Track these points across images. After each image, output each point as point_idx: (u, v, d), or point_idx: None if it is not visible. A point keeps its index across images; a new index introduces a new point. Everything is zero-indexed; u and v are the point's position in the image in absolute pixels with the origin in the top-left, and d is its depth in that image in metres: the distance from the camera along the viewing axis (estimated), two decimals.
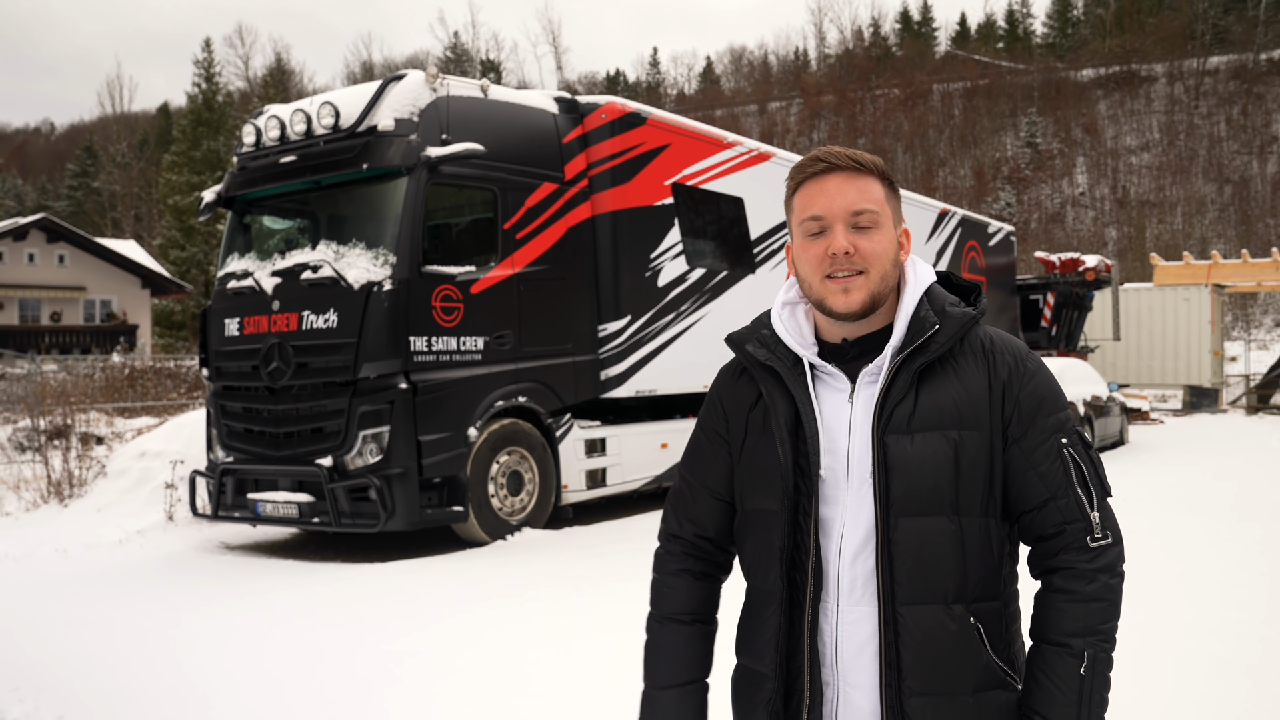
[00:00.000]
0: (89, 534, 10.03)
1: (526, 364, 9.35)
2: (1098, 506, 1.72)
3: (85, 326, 39.47)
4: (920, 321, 1.74)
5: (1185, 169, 70.65)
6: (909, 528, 1.67)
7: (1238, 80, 74.97)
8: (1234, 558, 7.58)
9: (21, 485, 12.52)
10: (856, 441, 1.71)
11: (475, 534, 8.89)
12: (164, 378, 23.13)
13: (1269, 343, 48.12)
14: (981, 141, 79.75)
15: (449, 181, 8.83)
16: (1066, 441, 1.73)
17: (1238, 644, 5.30)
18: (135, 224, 69.59)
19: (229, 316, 9.19)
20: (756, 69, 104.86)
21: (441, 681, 5.01)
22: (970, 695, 1.67)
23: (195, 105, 54.00)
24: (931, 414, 1.69)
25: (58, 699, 4.93)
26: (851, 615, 1.70)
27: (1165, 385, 26.84)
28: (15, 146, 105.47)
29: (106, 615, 6.70)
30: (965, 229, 18.43)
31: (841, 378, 1.76)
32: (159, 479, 11.15)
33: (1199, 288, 26.64)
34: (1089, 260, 22.01)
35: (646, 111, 10.63)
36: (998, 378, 1.74)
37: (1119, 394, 18.35)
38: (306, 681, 5.10)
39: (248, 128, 9.66)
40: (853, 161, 1.74)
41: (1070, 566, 1.71)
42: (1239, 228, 63.18)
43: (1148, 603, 6.20)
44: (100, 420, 17.32)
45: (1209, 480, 12.23)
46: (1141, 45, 79.44)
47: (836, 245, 1.71)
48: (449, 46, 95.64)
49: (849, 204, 1.72)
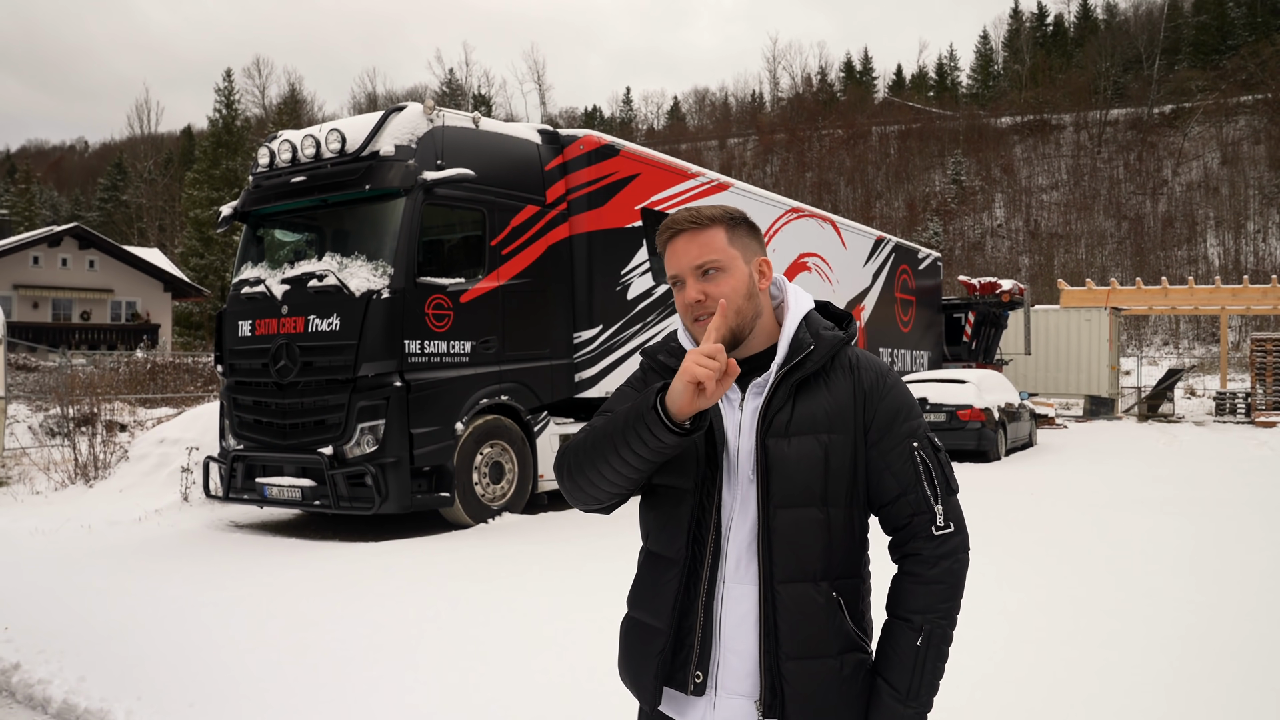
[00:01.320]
0: (111, 512, 9.88)
1: (509, 366, 9.30)
2: (942, 500, 1.79)
3: (112, 325, 38.82)
4: (799, 343, 1.81)
5: (1089, 206, 71.51)
6: (785, 518, 1.73)
7: (1134, 130, 75.99)
8: (1118, 544, 7.67)
9: (51, 467, 12.31)
10: (744, 443, 1.78)
11: (460, 517, 8.83)
12: (182, 372, 22.85)
13: (1158, 359, 48.92)
14: (913, 177, 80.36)
15: (442, 202, 8.78)
16: (917, 445, 1.81)
17: (1127, 621, 5.37)
18: (159, 234, 68.59)
19: (242, 319, 9.08)
20: (718, 109, 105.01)
21: (423, 646, 4.96)
22: (834, 657, 1.75)
23: (216, 129, 53.33)
24: (806, 420, 1.76)
25: (80, 661, 4.84)
26: (735, 592, 1.76)
27: (1069, 394, 27.13)
28: (53, 162, 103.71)
29: (125, 585, 6.59)
30: (898, 254, 18.55)
31: (735, 389, 1.83)
32: (176, 463, 10.99)
33: (1099, 310, 26.97)
34: (1005, 284, 22.21)
35: (620, 144, 10.61)
36: (860, 389, 1.81)
37: (1029, 402, 18.53)
38: (301, 647, 5.03)
39: (262, 150, 9.56)
40: (692, 222, 1.82)
41: (917, 553, 1.79)
42: (1134, 258, 64.00)
43: (1044, 582, 6.27)
44: (124, 410, 17.07)
45: (1100, 477, 12.37)
46: (1052, 97, 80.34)
47: (688, 296, 1.81)
48: (445, 82, 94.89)
49: (692, 260, 1.80)
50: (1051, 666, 4.58)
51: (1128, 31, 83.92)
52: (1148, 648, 4.87)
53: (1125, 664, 4.61)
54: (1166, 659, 4.69)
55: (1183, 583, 6.36)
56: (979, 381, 15.63)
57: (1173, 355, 52.94)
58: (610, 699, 3.90)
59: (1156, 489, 11.18)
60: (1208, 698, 4.19)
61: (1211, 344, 54.00)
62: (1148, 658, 4.71)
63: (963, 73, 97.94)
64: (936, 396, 15.16)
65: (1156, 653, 4.79)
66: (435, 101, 9.04)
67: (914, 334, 19.21)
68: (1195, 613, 5.58)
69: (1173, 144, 73.01)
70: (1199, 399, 32.65)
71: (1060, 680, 4.39)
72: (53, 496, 11.28)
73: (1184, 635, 5.11)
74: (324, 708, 4.18)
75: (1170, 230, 67.15)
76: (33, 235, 40.91)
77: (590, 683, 4.27)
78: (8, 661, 4.85)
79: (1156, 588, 6.20)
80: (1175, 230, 67.15)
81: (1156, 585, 6.27)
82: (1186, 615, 5.52)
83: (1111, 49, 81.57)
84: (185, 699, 4.30)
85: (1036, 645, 4.91)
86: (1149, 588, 6.20)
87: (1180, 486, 11.46)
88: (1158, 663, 4.63)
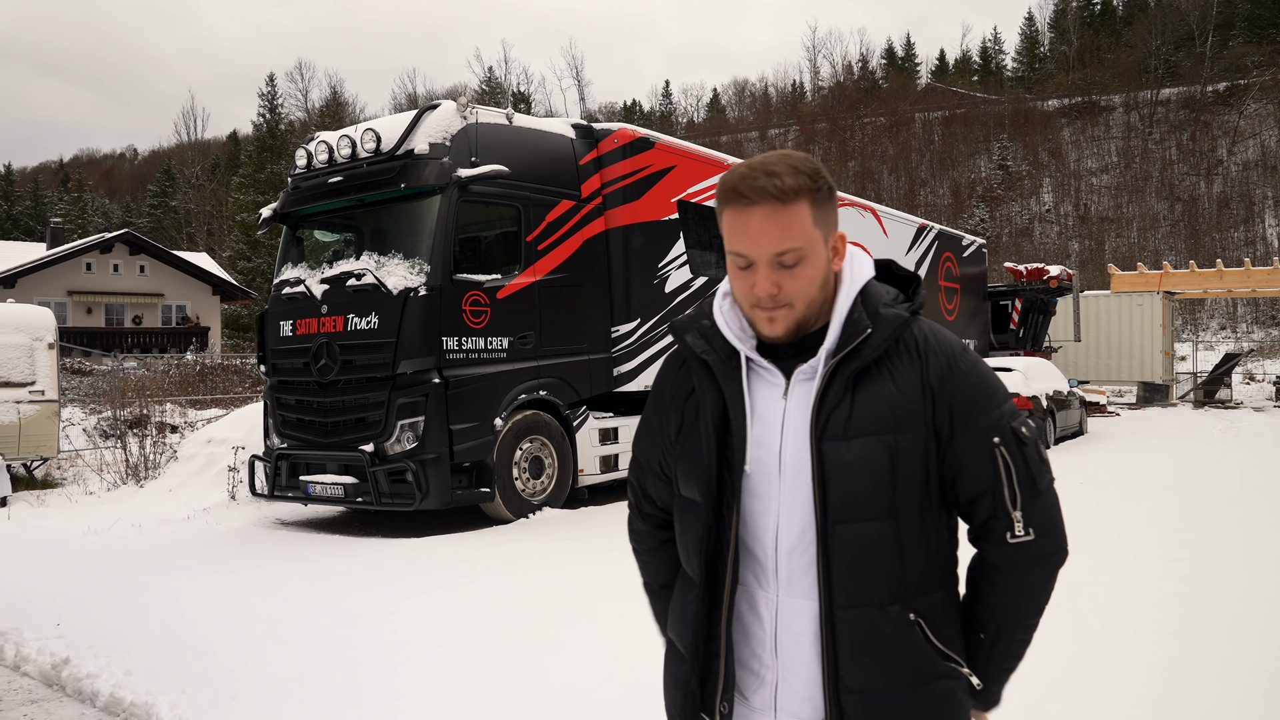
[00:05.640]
0: (161, 511, 10.09)
1: (547, 361, 9.34)
2: (1023, 505, 1.56)
3: (163, 329, 39.65)
4: (854, 325, 1.54)
5: (1140, 189, 70.01)
6: (845, 535, 1.51)
7: (1187, 109, 74.24)
8: (1173, 534, 7.51)
9: (104, 468, 12.60)
10: (790, 439, 1.55)
11: (501, 513, 8.89)
12: (231, 374, 23.28)
13: (1215, 344, 47.77)
14: (958, 164, 79.26)
15: (477, 199, 8.83)
16: (999, 440, 1.56)
17: (1179, 610, 5.25)
18: (208, 238, 69.86)
19: (283, 319, 9.21)
20: (758, 99, 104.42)
21: (469, 640, 5.01)
22: (906, 693, 1.53)
23: (260, 133, 54.26)
24: (867, 419, 1.52)
25: (127, 656, 4.95)
26: (791, 606, 1.56)
27: (1121, 381, 26.61)
28: (104, 170, 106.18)
29: (173, 583, 6.73)
30: (941, 242, 18.32)
31: (777, 374, 1.59)
32: (223, 463, 11.20)
33: (1151, 294, 26.40)
34: (1053, 270, 21.84)
35: (655, 137, 10.59)
36: (928, 380, 1.55)
37: (1079, 389, 18.20)
38: (345, 641, 5.10)
39: (300, 151, 9.69)
40: (776, 196, 1.50)
41: (990, 556, 1.61)
42: (1188, 241, 62.55)
43: (1101, 574, 6.15)
44: (174, 411, 17.43)
45: (1155, 465, 12.11)
46: (1101, 78, 78.77)
47: (761, 290, 1.52)
48: (484, 80, 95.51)
49: (772, 245, 1.50)
50: (1121, 660, 4.50)
51: (1179, 8, 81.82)
52: (1214, 640, 4.77)
53: (1193, 656, 4.51)
54: (1232, 648, 4.58)
55: (1249, 574, 6.21)
56: (1025, 369, 15.38)
57: (1230, 339, 51.64)
58: (646, 694, 3.90)
59: (1212, 476, 10.92)
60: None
61: (1271, 327, 52.64)
62: (1214, 649, 4.61)
63: (1008, 56, 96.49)
64: None
65: (1222, 643, 4.68)
66: (469, 99, 9.07)
67: (959, 322, 18.95)
68: (1256, 603, 5.45)
69: (1228, 122, 71.17)
70: (1258, 384, 31.85)
71: (1132, 673, 4.32)
72: (105, 497, 11.55)
73: (1251, 624, 4.99)
74: (367, 701, 4.24)
75: (1226, 211, 65.54)
76: (85, 242, 41.91)
77: (627, 678, 4.28)
78: (58, 656, 4.97)
79: (1219, 577, 6.06)
80: (1231, 211, 65.52)
81: (1219, 575, 6.13)
82: (1250, 606, 5.39)
83: (1162, 26, 79.67)
84: (229, 692, 4.38)
85: (1105, 637, 4.83)
86: (1208, 578, 6.06)
87: (1237, 473, 11.19)
88: (1224, 651, 4.53)
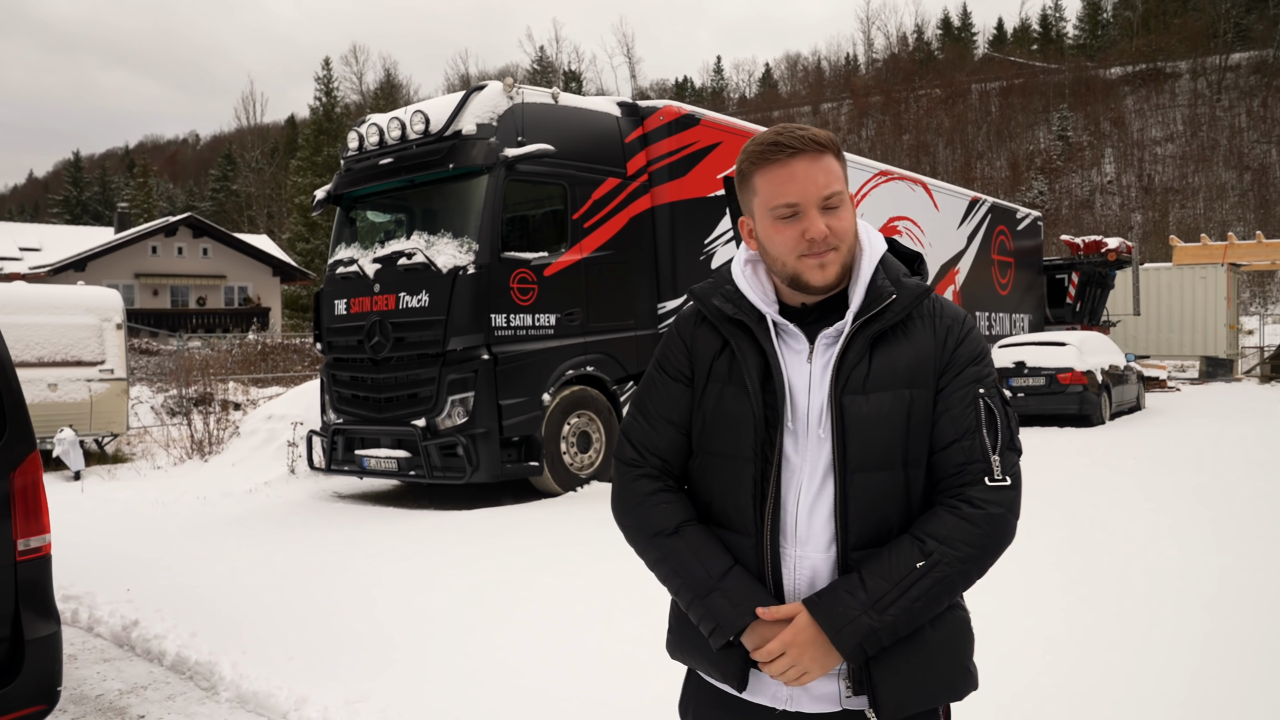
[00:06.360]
0: (224, 484, 10.45)
1: (594, 338, 9.45)
2: (1000, 451, 1.60)
3: (225, 309, 40.64)
4: (878, 290, 1.64)
5: (1207, 158, 67.99)
6: (863, 482, 1.59)
7: (1258, 74, 71.78)
8: (1224, 511, 7.40)
9: (170, 444, 13.05)
10: (814, 399, 1.63)
11: (549, 486, 9.06)
12: (291, 353, 23.83)
13: None
14: (1016, 136, 77.63)
15: (524, 178, 8.95)
16: (984, 391, 1.64)
17: (1221, 585, 5.22)
18: (268, 220, 71.20)
19: (338, 298, 9.45)
20: (810, 73, 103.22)
21: (522, 605, 5.17)
22: (925, 624, 1.59)
23: (317, 117, 55.15)
24: (885, 375, 1.61)
25: (192, 619, 5.19)
26: (808, 560, 1.61)
27: (1183, 356, 25.99)
28: (168, 156, 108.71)
29: (236, 551, 7.01)
30: (995, 215, 18.05)
31: (801, 338, 1.66)
32: (282, 438, 11.54)
33: (1215, 266, 25.70)
34: (1111, 242, 21.40)
35: (700, 113, 10.61)
36: (938, 337, 1.65)
37: (1136, 364, 17.85)
38: (406, 606, 5.29)
39: (351, 134, 9.89)
40: (814, 143, 1.62)
41: (961, 495, 1.59)
42: (1258, 211, 60.66)
43: (1149, 545, 6.12)
44: (237, 389, 17.94)
45: (1213, 440, 11.87)
46: (1167, 44, 76.48)
47: (816, 231, 1.59)
48: (535, 60, 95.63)
49: (820, 188, 1.60)
50: (1162, 637, 4.50)
51: None
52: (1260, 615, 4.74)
53: (1231, 631, 4.50)
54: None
55: None
56: (1080, 344, 15.13)
57: None
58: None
59: (1272, 452, 10.69)
60: None
61: None
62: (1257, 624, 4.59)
63: (1068, 23, 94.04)
64: (1035, 360, 14.74)
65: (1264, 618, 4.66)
66: (515, 80, 9.19)
67: (1013, 296, 18.69)
68: None
69: None
70: None
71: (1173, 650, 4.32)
72: (172, 471, 11.99)
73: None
74: (428, 661, 4.41)
75: None
76: (151, 226, 43.07)
77: None
78: (128, 619, 5.24)
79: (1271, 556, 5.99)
80: None
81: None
82: None
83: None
84: (286, 653, 4.59)
85: (1149, 611, 4.82)
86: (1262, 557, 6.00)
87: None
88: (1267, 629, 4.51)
